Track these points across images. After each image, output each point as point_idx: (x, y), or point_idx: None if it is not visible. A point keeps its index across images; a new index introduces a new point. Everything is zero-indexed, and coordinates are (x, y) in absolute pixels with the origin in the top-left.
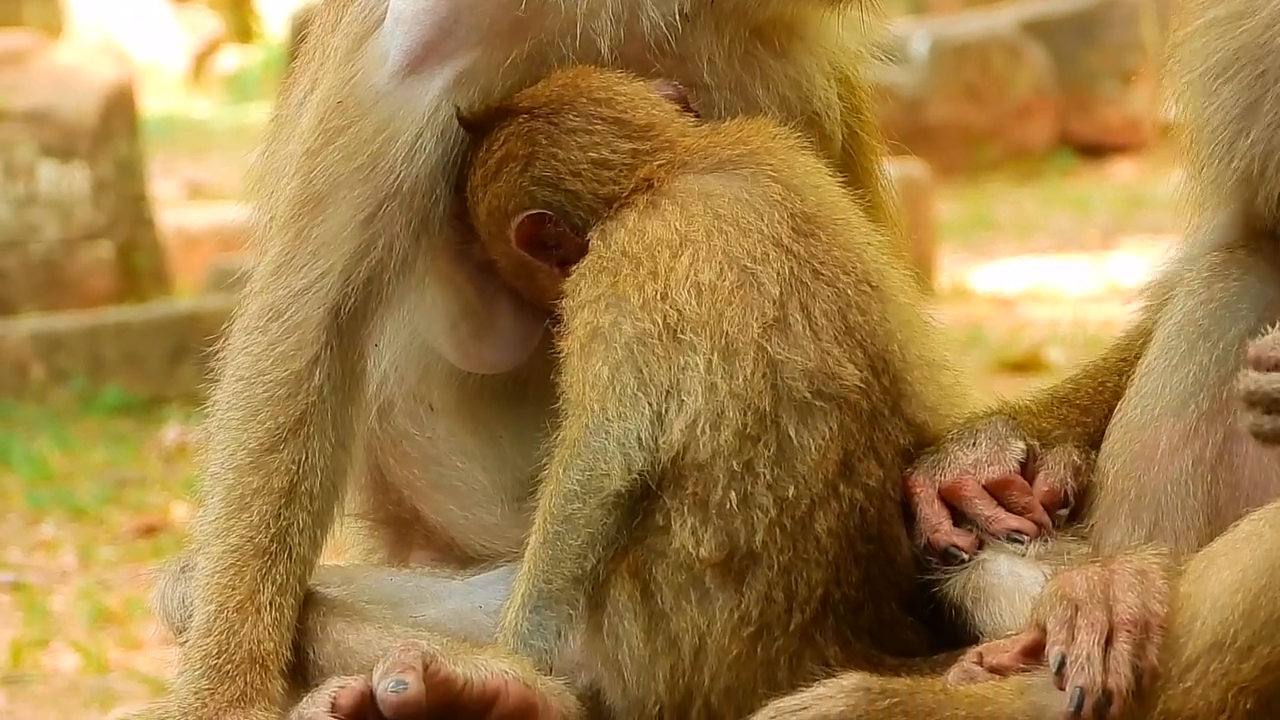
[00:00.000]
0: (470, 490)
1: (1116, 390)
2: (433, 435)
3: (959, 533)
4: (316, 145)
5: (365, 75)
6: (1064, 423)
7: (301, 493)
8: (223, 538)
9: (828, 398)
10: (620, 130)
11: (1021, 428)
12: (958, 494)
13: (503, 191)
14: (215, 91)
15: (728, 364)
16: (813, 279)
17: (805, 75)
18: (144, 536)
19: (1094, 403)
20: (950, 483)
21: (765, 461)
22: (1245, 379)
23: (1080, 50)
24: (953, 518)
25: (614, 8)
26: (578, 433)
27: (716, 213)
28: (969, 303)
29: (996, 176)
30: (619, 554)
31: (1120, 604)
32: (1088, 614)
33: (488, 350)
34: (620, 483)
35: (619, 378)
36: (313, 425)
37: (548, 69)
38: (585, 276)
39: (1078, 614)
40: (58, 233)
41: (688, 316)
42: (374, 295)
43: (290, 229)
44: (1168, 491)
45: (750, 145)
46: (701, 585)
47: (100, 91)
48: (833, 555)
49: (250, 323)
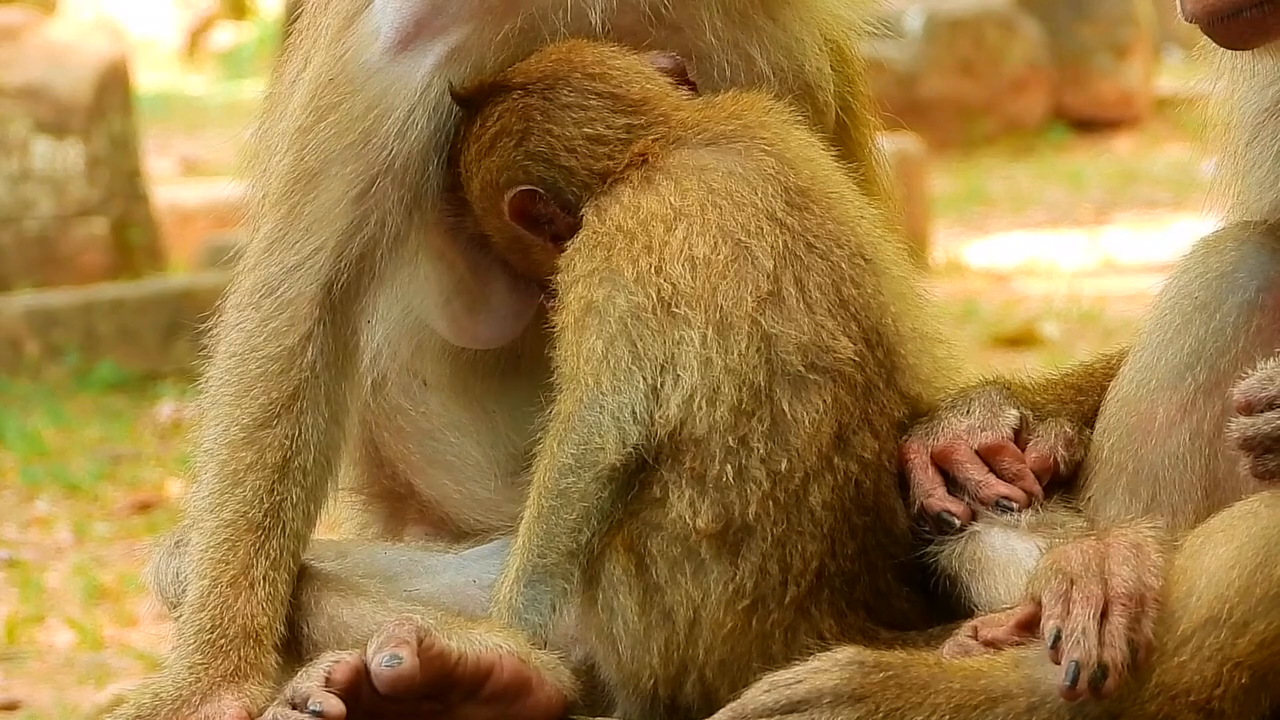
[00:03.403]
0: (464, 465)
1: (1112, 372)
2: (426, 410)
3: (952, 499)
4: (308, 122)
5: (356, 52)
6: (1059, 399)
7: (295, 468)
8: (216, 513)
9: (822, 371)
10: (615, 105)
11: (1016, 397)
12: (949, 458)
13: (496, 166)
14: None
15: (722, 338)
16: (806, 252)
17: (797, 41)
18: (139, 512)
19: (1089, 384)
20: (943, 446)
21: (759, 435)
22: (1238, 425)
23: (1074, 24)
24: (946, 485)
25: None
26: (572, 407)
27: (710, 187)
28: (963, 278)
29: (990, 151)
30: (613, 528)
31: (1115, 578)
32: (1083, 588)
33: (481, 325)
34: (615, 456)
35: (613, 352)
36: (306, 401)
37: (540, 43)
38: (580, 251)
39: (1073, 588)
40: (52, 209)
41: (682, 290)
42: (366, 271)
43: (283, 205)
44: (1165, 465)
45: (744, 120)
46: (697, 557)
47: (94, 67)
48: (827, 528)
49: (243, 299)
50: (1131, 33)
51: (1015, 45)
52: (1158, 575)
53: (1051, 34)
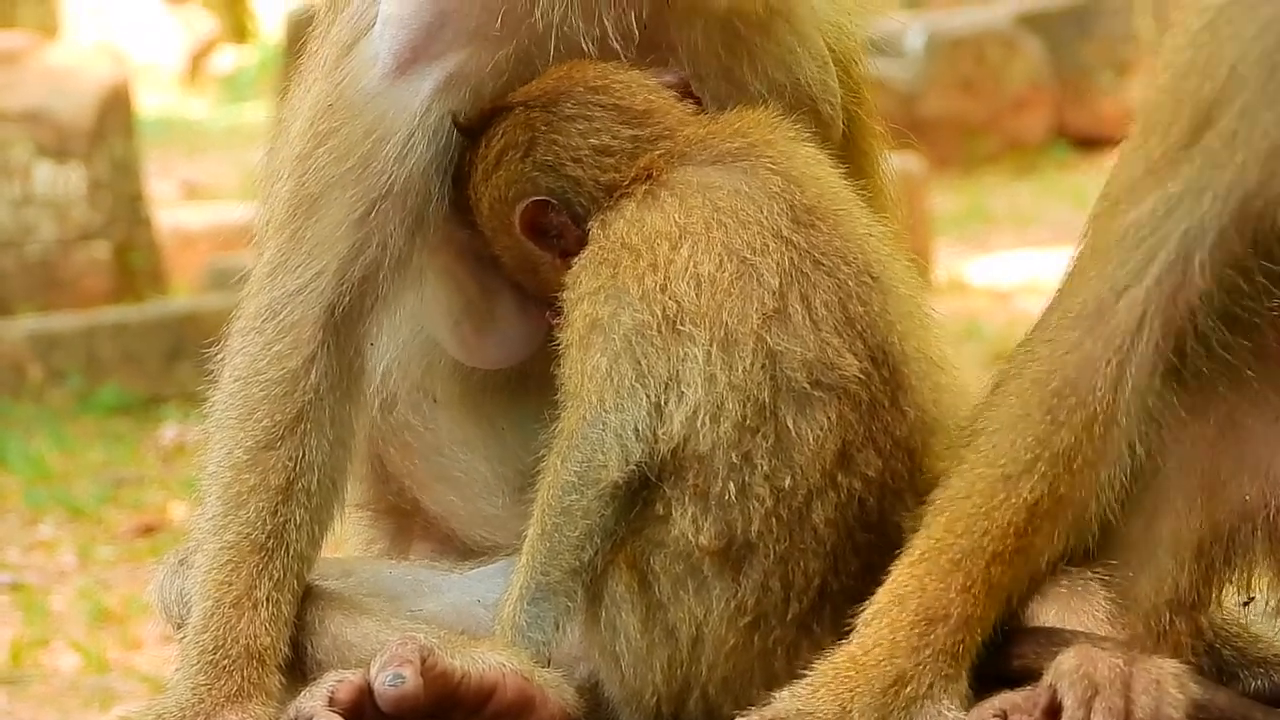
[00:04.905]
0: (471, 481)
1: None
2: (435, 427)
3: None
4: (309, 148)
5: (355, 78)
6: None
7: (299, 490)
8: (220, 534)
9: (827, 388)
10: (619, 116)
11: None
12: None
13: (505, 180)
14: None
15: (727, 355)
16: (813, 270)
17: (792, 54)
18: (142, 535)
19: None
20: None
21: (763, 452)
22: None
23: (1075, 42)
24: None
25: (581, 11)
26: (575, 424)
27: (716, 205)
28: (965, 296)
29: (992, 169)
30: (616, 545)
31: (1136, 704)
32: (1107, 699)
33: (491, 346)
34: (617, 474)
35: (617, 369)
36: (309, 423)
37: (536, 68)
38: (585, 268)
39: (1097, 697)
40: (54, 233)
41: (687, 308)
42: (369, 294)
43: (285, 230)
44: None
45: (750, 137)
46: (699, 575)
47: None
48: (830, 545)
49: (247, 323)
50: (1133, 50)
51: (1017, 63)
52: (1176, 708)
53: (1053, 52)
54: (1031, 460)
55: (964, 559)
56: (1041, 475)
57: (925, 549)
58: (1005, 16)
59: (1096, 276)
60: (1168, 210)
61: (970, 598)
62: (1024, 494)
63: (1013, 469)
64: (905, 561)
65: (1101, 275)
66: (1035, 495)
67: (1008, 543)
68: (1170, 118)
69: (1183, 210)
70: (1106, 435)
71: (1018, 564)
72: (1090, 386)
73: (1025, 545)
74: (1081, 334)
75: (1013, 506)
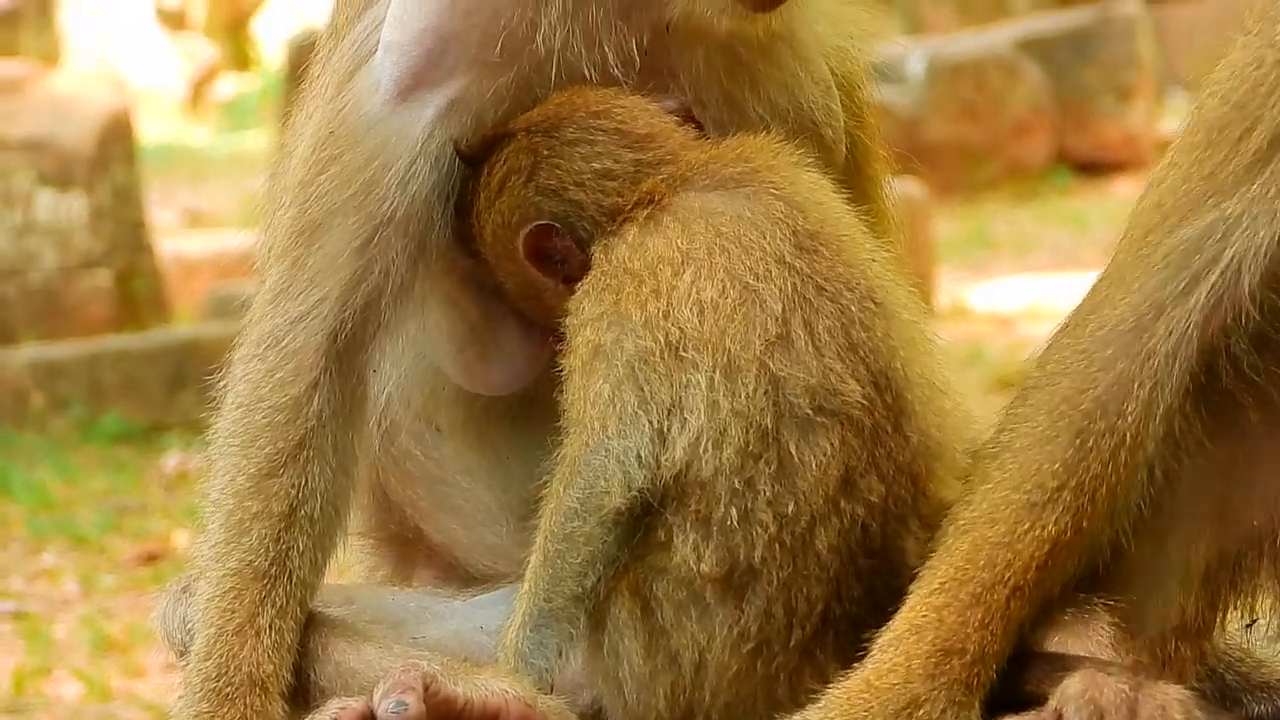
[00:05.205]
0: (474, 510)
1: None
2: (438, 455)
3: None
4: (310, 175)
5: (357, 104)
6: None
7: (301, 517)
8: (222, 562)
9: (829, 414)
10: (621, 140)
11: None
12: None
13: (507, 206)
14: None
15: (730, 381)
16: (816, 295)
17: (794, 78)
18: (145, 564)
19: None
20: None
21: (766, 478)
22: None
23: (1077, 67)
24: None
25: (583, 38)
26: (578, 451)
27: (718, 231)
28: (968, 321)
29: (994, 195)
30: (619, 572)
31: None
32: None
33: (494, 373)
34: (620, 500)
35: (620, 396)
36: (312, 450)
37: (538, 95)
38: (588, 294)
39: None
40: (56, 261)
41: (689, 334)
42: (371, 320)
43: (287, 257)
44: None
45: (753, 162)
46: (702, 601)
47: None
48: (834, 571)
49: (249, 351)
50: (1135, 75)
51: (1018, 89)
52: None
53: (1054, 77)
54: (1057, 489)
55: (984, 593)
56: (1066, 506)
57: (945, 578)
58: (1006, 42)
59: (1139, 290)
60: (1225, 232)
61: (988, 634)
62: (1048, 526)
63: (1038, 496)
64: (924, 589)
65: (1144, 290)
66: (1059, 528)
67: (1029, 576)
68: (1239, 135)
69: (1240, 232)
70: (1132, 462)
71: (1035, 596)
72: (1121, 410)
73: (1044, 578)
74: (1116, 352)
75: (1036, 539)
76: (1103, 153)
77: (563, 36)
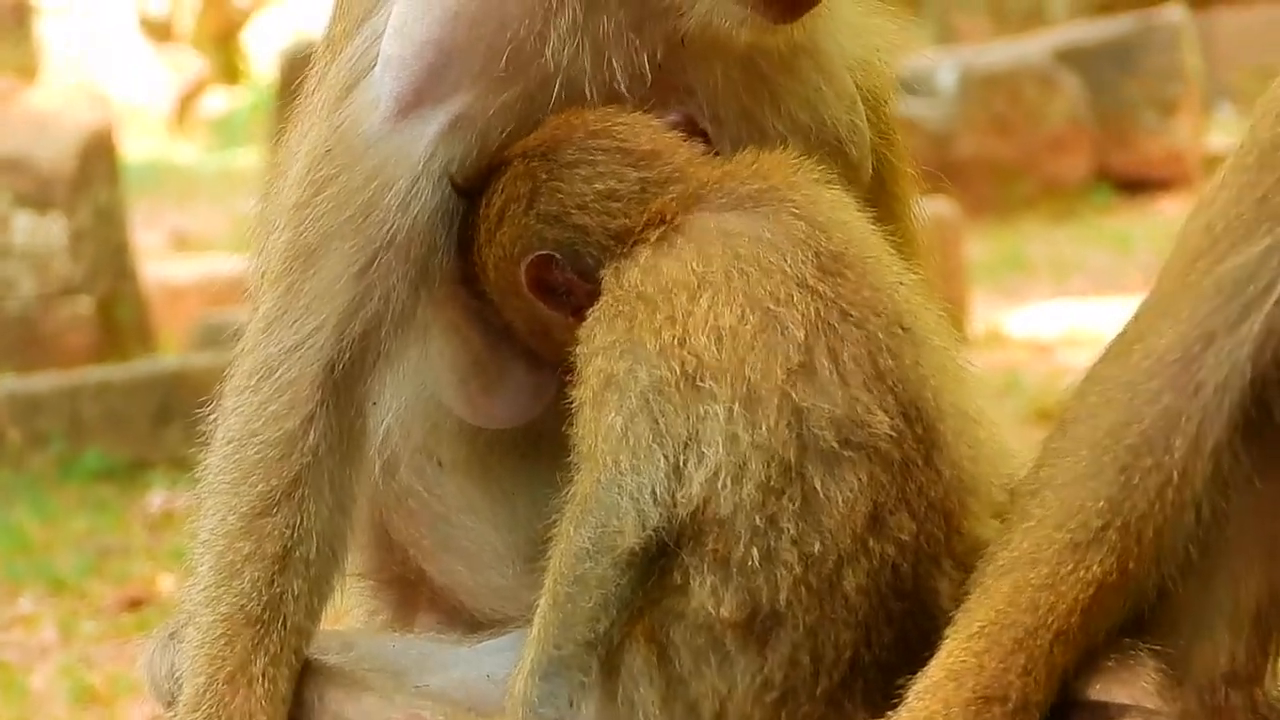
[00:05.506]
0: (480, 550)
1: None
2: (441, 493)
3: None
4: (305, 196)
5: (355, 122)
6: None
7: (297, 558)
8: (213, 606)
9: (856, 447)
10: (624, 159)
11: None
12: None
13: (508, 237)
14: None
15: (750, 413)
16: (840, 321)
17: (817, 92)
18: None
19: None
20: None
21: (789, 516)
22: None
23: (1118, 78)
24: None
25: (592, 52)
26: (589, 488)
27: (736, 253)
28: (1003, 348)
29: (1030, 214)
30: (634, 616)
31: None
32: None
33: (499, 405)
34: (634, 540)
35: (633, 429)
36: (308, 487)
37: (544, 113)
38: (599, 321)
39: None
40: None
41: (707, 363)
42: (370, 350)
43: (281, 283)
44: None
45: (771, 180)
46: (722, 648)
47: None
48: (862, 615)
49: (241, 382)
50: (1179, 87)
51: (1055, 102)
52: None
53: (1093, 90)
54: (1102, 528)
55: (1027, 638)
56: (1111, 546)
57: (985, 622)
58: (1042, 52)
59: (1187, 319)
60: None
61: (1031, 681)
62: (1093, 567)
63: (1082, 536)
64: (962, 633)
65: (1192, 318)
66: (1104, 569)
67: (1073, 620)
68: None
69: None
70: (1179, 500)
71: (1079, 641)
72: (1168, 446)
73: (1088, 622)
74: (1163, 384)
75: (1081, 581)
76: (1145, 170)
77: (572, 50)
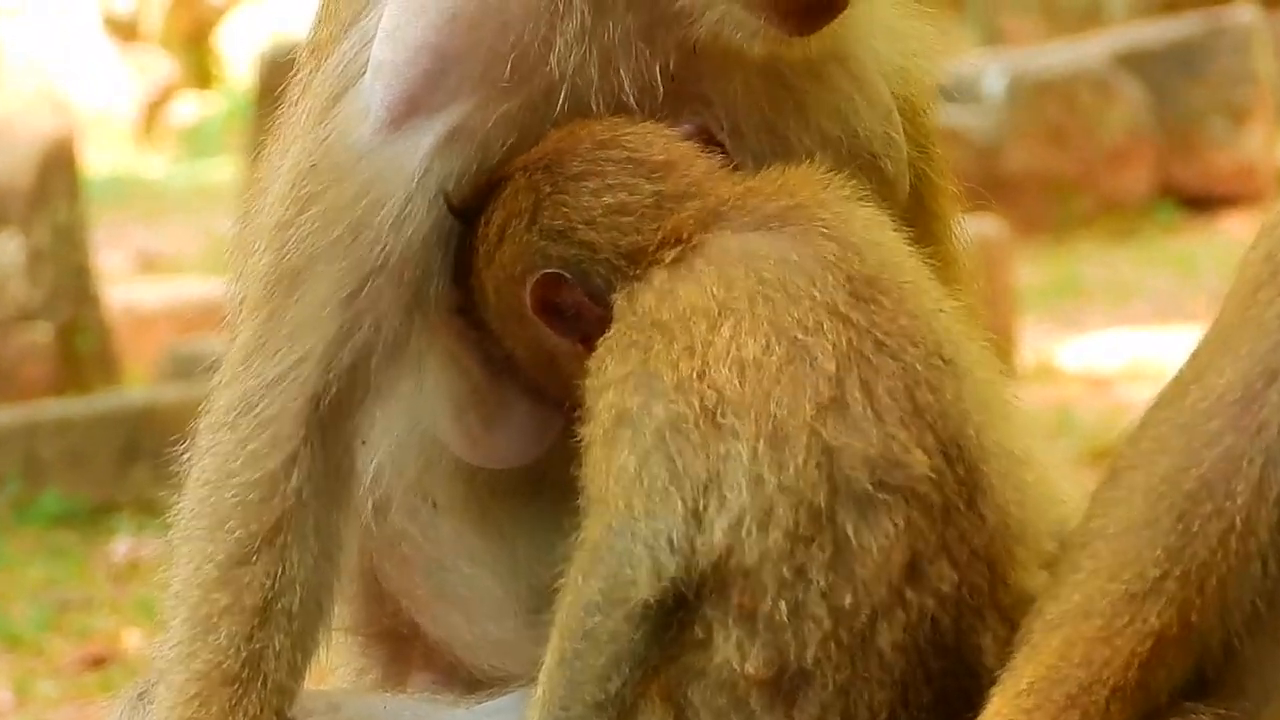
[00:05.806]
0: (478, 600)
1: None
2: (436, 537)
3: None
4: (289, 215)
5: (343, 134)
6: None
7: (278, 611)
8: (186, 663)
9: (892, 489)
10: (636, 170)
11: None
12: None
13: (509, 256)
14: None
15: (776, 452)
16: (875, 352)
17: (848, 102)
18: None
19: None
20: None
21: (819, 565)
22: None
23: (1183, 84)
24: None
25: (600, 60)
26: (600, 534)
27: (761, 277)
28: (1056, 382)
29: (1086, 235)
30: (648, 674)
31: None
32: None
33: (500, 442)
34: (648, 591)
35: (648, 469)
36: (290, 534)
37: (549, 123)
38: (611, 351)
39: None
40: None
41: (729, 398)
42: (360, 383)
43: (262, 310)
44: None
45: (799, 197)
46: (746, 708)
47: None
48: (899, 673)
49: (217, 419)
50: (1251, 94)
51: (1114, 110)
52: None
53: (1156, 97)
54: (1159, 578)
55: (1080, 694)
56: (1170, 598)
57: (1035, 678)
58: (1100, 55)
59: (1248, 355)
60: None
61: None
62: (1150, 619)
63: (1138, 586)
64: (1009, 691)
65: (1254, 354)
66: (1163, 621)
67: (1130, 675)
68: None
69: None
70: (1243, 549)
71: (1137, 699)
72: (1229, 491)
73: (1147, 678)
74: (1223, 425)
75: (1137, 633)
76: (1213, 185)
77: (579, 57)
